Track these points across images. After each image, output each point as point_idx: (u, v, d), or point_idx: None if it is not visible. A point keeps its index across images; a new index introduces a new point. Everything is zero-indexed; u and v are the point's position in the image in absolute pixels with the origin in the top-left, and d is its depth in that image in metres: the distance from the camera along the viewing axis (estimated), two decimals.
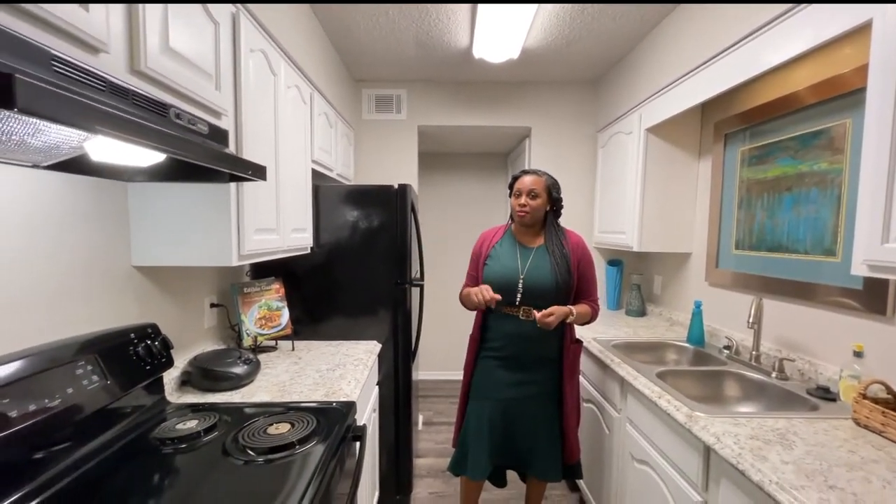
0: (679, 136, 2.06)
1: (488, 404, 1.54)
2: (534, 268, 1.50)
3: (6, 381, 0.75)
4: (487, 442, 1.53)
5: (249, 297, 1.66)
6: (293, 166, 1.59)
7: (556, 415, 1.56)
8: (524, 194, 1.51)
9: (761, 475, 0.86)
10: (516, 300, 1.49)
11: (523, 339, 1.50)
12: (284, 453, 0.93)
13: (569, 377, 1.55)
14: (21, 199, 0.88)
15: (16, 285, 0.87)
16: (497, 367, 1.54)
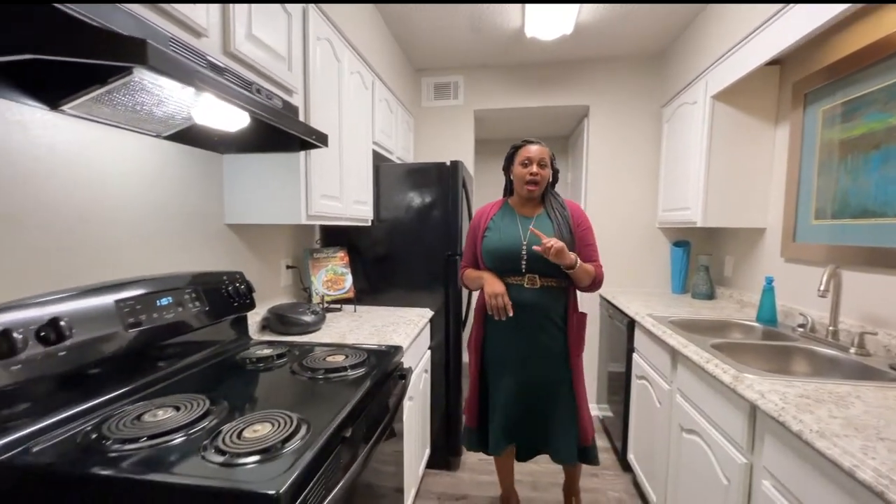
0: (752, 102, 1.90)
1: (502, 381, 1.52)
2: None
3: (138, 294, 0.99)
4: (505, 419, 1.52)
5: (318, 261, 1.88)
6: (355, 144, 1.77)
7: (569, 392, 1.50)
8: (535, 163, 1.46)
9: (801, 425, 0.82)
10: (521, 268, 1.46)
11: (529, 307, 1.47)
12: (338, 374, 1.09)
13: (575, 351, 1.50)
14: (149, 164, 1.13)
15: (145, 228, 1.12)
16: (506, 341, 1.52)
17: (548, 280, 1.47)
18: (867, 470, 0.67)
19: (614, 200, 2.69)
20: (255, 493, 0.60)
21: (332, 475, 0.76)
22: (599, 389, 2.66)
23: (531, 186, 1.47)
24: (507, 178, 1.60)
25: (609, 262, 2.71)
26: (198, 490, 0.62)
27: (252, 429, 0.77)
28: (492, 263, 1.51)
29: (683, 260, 2.47)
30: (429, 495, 1.94)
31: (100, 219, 1.00)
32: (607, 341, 2.45)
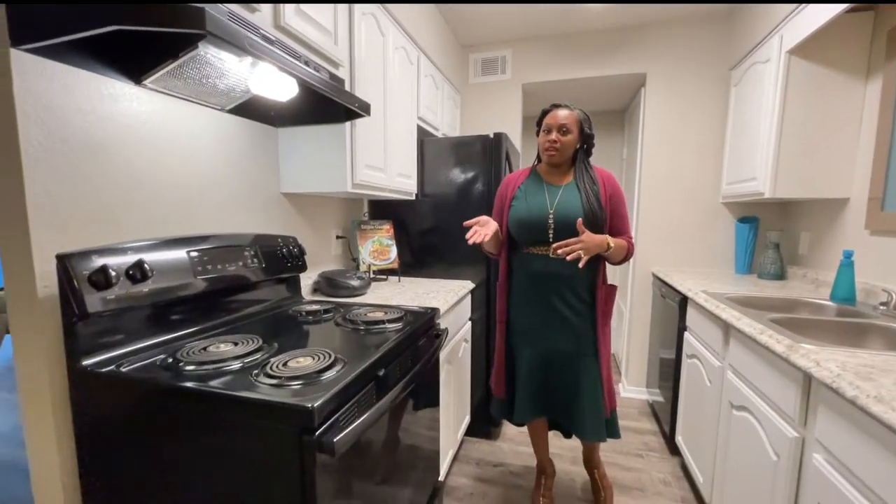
0: (836, 54, 1.68)
1: (529, 352, 1.51)
2: (563, 203, 1.41)
3: (206, 248, 1.13)
4: (530, 390, 1.51)
5: (365, 232, 1.99)
6: (399, 118, 1.83)
7: (595, 367, 1.45)
8: (555, 130, 1.40)
9: (857, 391, 0.76)
10: (549, 237, 1.42)
11: (552, 278, 1.43)
12: (377, 326, 1.16)
13: (602, 323, 1.45)
14: (215, 135, 1.27)
15: (213, 192, 1.26)
16: (530, 312, 1.49)
17: None
18: None
19: (672, 175, 2.53)
20: (295, 405, 0.69)
21: (364, 403, 0.83)
22: (650, 373, 2.55)
23: (551, 152, 1.42)
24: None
25: (665, 241, 2.57)
26: (249, 401, 0.72)
27: (296, 360, 0.86)
28: (518, 233, 1.49)
29: (750, 237, 2.28)
30: (467, 459, 2.00)
31: (176, 181, 1.15)
32: (659, 323, 2.33)
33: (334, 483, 0.77)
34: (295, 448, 0.69)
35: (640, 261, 2.64)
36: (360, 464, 0.88)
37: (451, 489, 1.79)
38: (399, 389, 0.92)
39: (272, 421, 0.70)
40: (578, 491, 1.78)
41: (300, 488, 0.70)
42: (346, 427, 0.72)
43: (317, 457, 0.69)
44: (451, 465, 1.96)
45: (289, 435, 0.69)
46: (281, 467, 0.71)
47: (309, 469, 0.69)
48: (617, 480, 1.84)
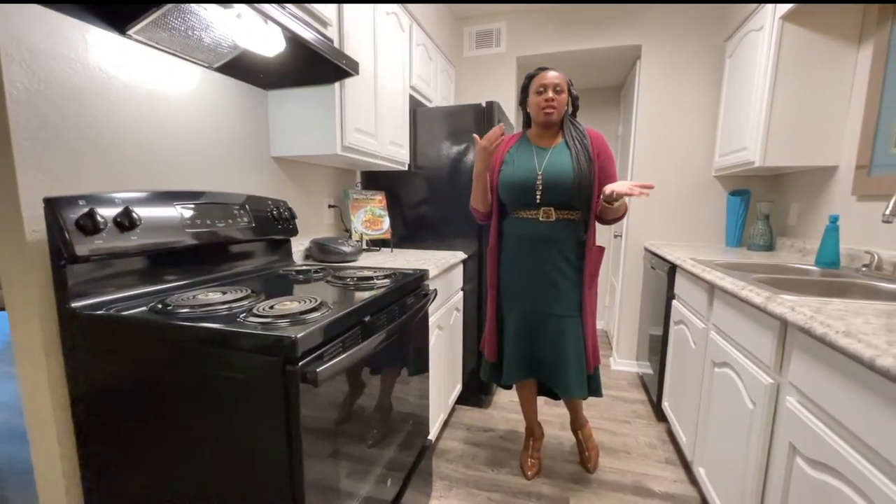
0: (830, 20, 1.67)
1: (516, 316, 1.53)
2: (552, 164, 1.42)
3: (199, 203, 1.13)
4: (517, 353, 1.54)
5: (358, 202, 1.99)
6: (390, 84, 1.82)
7: (580, 325, 1.49)
8: (550, 89, 1.41)
9: (827, 329, 0.78)
10: (536, 199, 1.44)
11: (541, 241, 1.46)
12: (366, 281, 1.18)
13: (589, 284, 1.48)
14: (204, 94, 1.27)
15: (202, 151, 1.27)
16: (519, 276, 1.52)
17: (564, 213, 1.46)
18: (887, 357, 0.63)
19: (666, 149, 2.53)
20: (280, 336, 0.70)
21: (350, 343, 0.85)
22: (640, 347, 2.59)
23: (549, 110, 1.42)
24: (524, 112, 1.56)
25: (658, 216, 2.59)
26: (237, 334, 0.74)
27: (282, 304, 0.88)
28: (507, 197, 1.51)
29: (741, 210, 2.29)
30: (458, 425, 2.05)
31: (165, 139, 1.15)
32: (650, 295, 2.36)
33: (319, 415, 0.79)
34: (279, 377, 0.71)
35: (633, 236, 2.66)
36: (348, 407, 0.90)
37: (442, 451, 1.84)
38: (384, 335, 0.94)
39: (259, 353, 0.72)
40: (566, 453, 1.83)
41: (285, 417, 0.72)
42: (330, 361, 0.74)
43: (300, 386, 0.71)
44: (443, 430, 2.01)
45: (274, 365, 0.71)
46: (268, 398, 0.73)
47: (293, 398, 0.71)
48: (604, 444, 1.89)
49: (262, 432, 0.75)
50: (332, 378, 0.82)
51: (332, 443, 0.85)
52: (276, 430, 0.73)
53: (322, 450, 0.81)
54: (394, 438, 1.20)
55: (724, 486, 1.25)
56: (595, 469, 1.71)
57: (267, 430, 0.74)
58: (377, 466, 1.08)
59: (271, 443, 0.74)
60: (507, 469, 1.72)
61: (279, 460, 0.74)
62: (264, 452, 0.75)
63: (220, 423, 0.77)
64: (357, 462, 0.97)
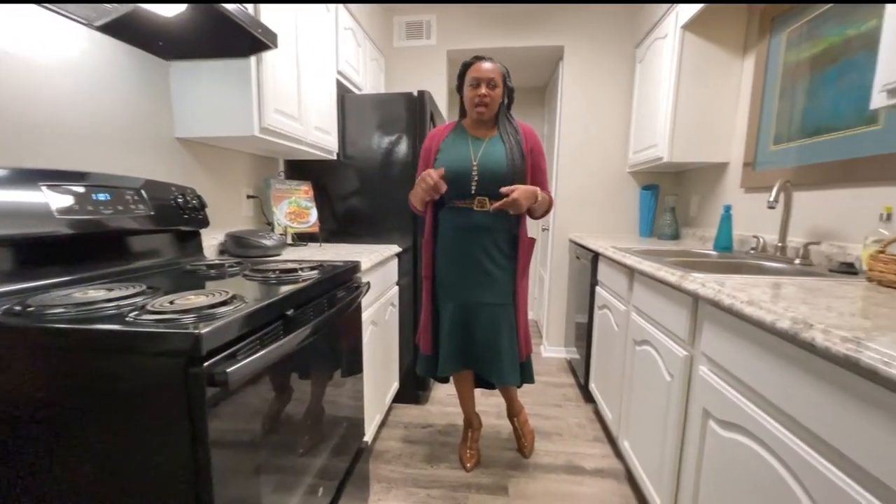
0: (721, 32, 1.89)
1: (452, 306, 1.52)
2: (487, 154, 1.43)
3: (71, 184, 0.94)
4: (453, 344, 1.53)
5: (281, 192, 1.84)
6: (314, 66, 1.70)
7: (513, 315, 1.52)
8: (484, 84, 1.39)
9: (733, 300, 0.85)
10: (471, 190, 1.43)
11: (475, 231, 1.46)
12: (290, 275, 1.07)
13: (521, 275, 1.52)
14: (89, 59, 1.06)
15: (89, 127, 1.06)
16: (454, 268, 1.51)
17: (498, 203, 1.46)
18: (785, 320, 0.70)
19: (587, 147, 2.68)
20: (178, 332, 0.59)
21: (270, 340, 0.76)
22: (568, 334, 2.73)
23: (481, 108, 1.41)
24: (461, 98, 1.53)
25: (581, 210, 2.74)
26: (123, 334, 0.61)
27: (185, 298, 0.75)
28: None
29: (651, 203, 2.51)
30: (396, 424, 1.98)
31: (39, 108, 0.94)
32: (576, 284, 2.49)
33: (234, 425, 0.69)
34: (180, 382, 0.60)
35: (559, 229, 2.79)
36: (272, 413, 0.80)
37: (380, 452, 1.76)
38: (311, 330, 0.86)
39: (153, 355, 0.60)
40: (504, 441, 1.85)
41: (189, 430, 0.61)
42: (244, 359, 0.64)
43: (206, 391, 0.61)
44: (380, 430, 1.93)
45: (172, 368, 0.60)
46: (167, 408, 0.61)
47: (198, 406, 0.61)
48: (539, 429, 1.94)
49: (163, 450, 0.63)
50: (249, 380, 0.72)
51: (251, 455, 0.74)
52: (179, 446, 0.62)
53: (239, 464, 0.71)
54: (326, 444, 1.11)
55: (646, 456, 1.34)
56: (531, 454, 1.75)
57: (169, 447, 0.63)
58: (307, 476, 0.98)
59: (174, 462, 0.62)
60: (446, 464, 1.70)
61: (183, 481, 0.63)
62: (167, 474, 0.63)
63: (115, 445, 0.64)
64: (283, 474, 0.87)
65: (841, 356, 0.58)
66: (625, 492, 1.53)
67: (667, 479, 1.17)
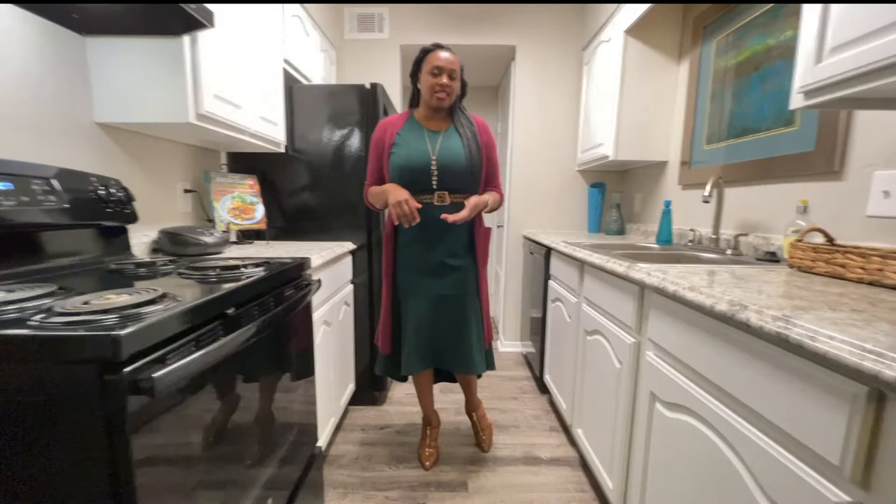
0: (659, 38, 2.00)
1: (415, 302, 1.51)
2: (446, 148, 1.42)
3: None
4: (418, 340, 1.51)
5: (222, 185, 1.71)
6: (259, 51, 1.60)
7: (478, 304, 1.55)
8: (445, 73, 1.38)
9: (677, 286, 0.90)
10: (432, 185, 1.43)
11: (437, 226, 1.45)
12: (232, 273, 0.99)
13: (482, 263, 1.56)
14: None
15: None
16: (416, 263, 1.50)
17: (457, 196, 1.47)
18: (723, 303, 0.75)
19: (538, 146, 2.75)
20: (92, 335, 0.52)
21: (207, 342, 0.69)
22: (523, 329, 2.79)
23: (441, 95, 1.39)
24: (415, 86, 1.49)
25: (533, 207, 2.80)
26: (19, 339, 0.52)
27: (104, 298, 0.67)
28: (401, 180, 1.44)
29: (599, 200, 2.62)
30: (352, 427, 1.92)
31: None
32: (530, 279, 2.55)
33: (165, 438, 0.62)
34: (95, 391, 0.53)
35: (513, 226, 2.84)
36: (215, 422, 0.73)
37: (336, 457, 1.70)
38: (255, 329, 0.79)
39: (64, 363, 0.53)
40: (462, 437, 1.85)
41: (108, 446, 0.54)
42: (175, 363, 0.58)
43: (128, 400, 0.54)
44: (335, 434, 1.86)
45: (86, 376, 0.53)
46: (82, 422, 0.54)
47: (118, 418, 0.54)
48: (496, 422, 1.96)
49: (77, 474, 0.55)
50: (185, 386, 0.65)
51: (187, 472, 0.67)
52: (96, 468, 0.55)
53: (172, 484, 0.64)
54: (275, 453, 1.04)
55: (598, 441, 1.39)
56: (490, 447, 1.76)
57: (85, 470, 0.55)
58: (254, 489, 0.92)
59: (91, 487, 0.55)
60: (405, 464, 1.66)
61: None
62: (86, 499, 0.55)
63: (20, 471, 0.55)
64: (227, 489, 0.80)
65: (773, 333, 0.62)
66: (579, 478, 1.58)
67: (618, 462, 1.21)
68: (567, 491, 1.51)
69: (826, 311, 0.65)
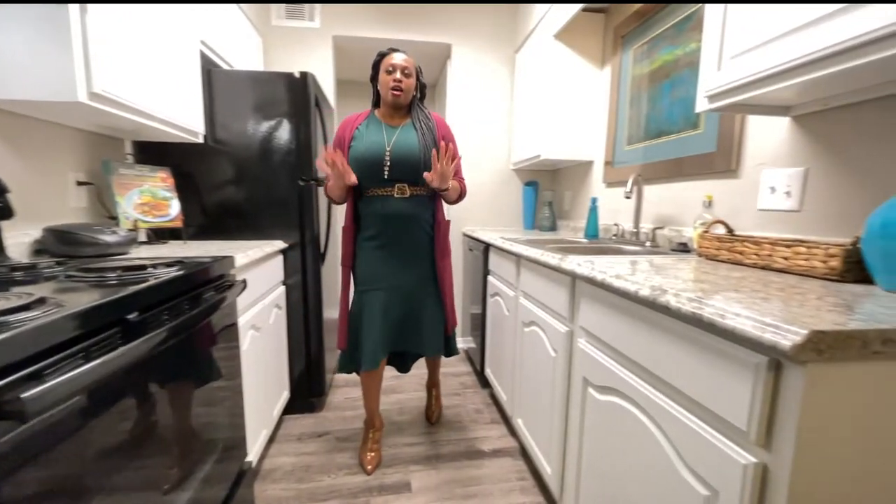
0: (584, 45, 2.13)
1: (376, 294, 1.53)
2: (400, 140, 1.49)
3: None
4: (380, 332, 1.53)
5: (127, 178, 1.52)
6: (169, 29, 1.43)
7: (436, 291, 1.63)
8: (399, 70, 1.47)
9: (604, 275, 0.95)
10: (384, 175, 1.48)
11: (398, 218, 1.51)
12: (136, 274, 0.87)
13: (441, 254, 1.62)
14: None
15: None
16: (378, 254, 1.54)
17: (416, 189, 1.52)
18: (646, 289, 0.80)
19: (476, 146, 2.80)
20: None
21: (99, 350, 0.59)
22: (464, 325, 2.82)
23: (396, 92, 1.47)
24: (375, 88, 1.58)
25: (472, 205, 2.84)
26: None
27: None
28: (360, 173, 1.49)
29: (533, 198, 2.73)
30: (288, 437, 1.81)
31: None
32: (470, 276, 2.58)
33: (44, 473, 0.52)
34: None
35: (453, 223, 2.86)
36: (112, 446, 0.63)
37: (269, 471, 1.58)
38: (164, 336, 0.70)
39: None
40: (405, 437, 1.82)
41: None
42: (54, 379, 0.49)
43: None
44: (268, 447, 1.73)
45: None
46: None
47: None
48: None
49: None
50: (69, 406, 0.55)
51: None
52: None
53: None
54: (197, 473, 0.93)
55: (537, 429, 1.44)
56: (436, 419, 1.92)
57: None
58: None
59: None
60: (346, 470, 1.59)
61: None
62: None
63: None
64: None
65: (690, 314, 0.68)
66: (520, 467, 1.63)
67: (555, 447, 1.26)
68: (508, 481, 1.55)
69: (731, 293, 0.72)
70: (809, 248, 0.90)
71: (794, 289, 0.76)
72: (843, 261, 0.83)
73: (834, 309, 0.61)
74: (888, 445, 0.55)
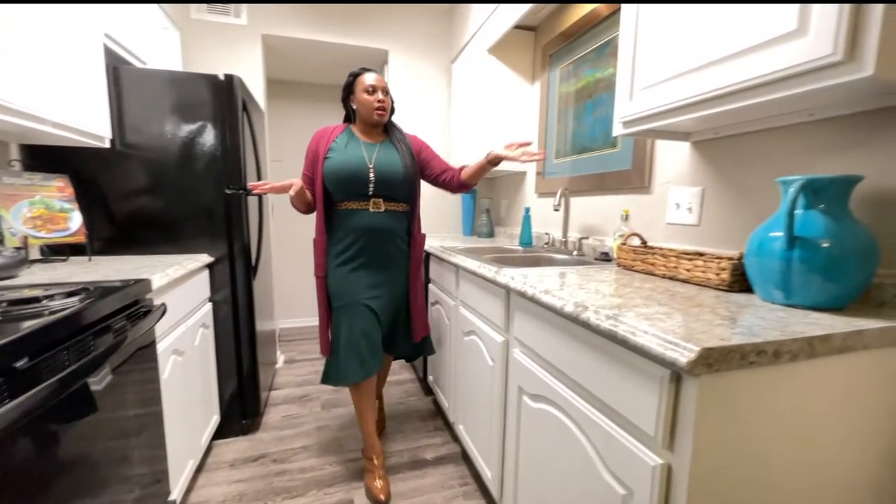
0: (516, 60, 2.23)
1: (352, 310, 1.50)
2: (382, 158, 1.50)
3: None
4: (357, 349, 1.49)
5: (14, 188, 1.32)
6: (61, 18, 1.27)
7: (406, 305, 1.67)
8: (380, 90, 1.49)
9: (535, 290, 1.01)
10: (368, 191, 1.48)
11: (375, 231, 1.51)
12: (28, 308, 0.77)
13: (416, 267, 1.64)
14: None
15: None
16: (353, 269, 1.52)
17: (391, 204, 1.54)
18: (570, 305, 0.86)
19: None
20: None
21: None
22: None
23: (381, 111, 1.49)
24: (347, 108, 1.57)
25: None
26: None
27: None
28: (337, 186, 1.48)
29: (471, 205, 2.79)
30: (219, 465, 1.69)
31: None
32: None
33: None
34: None
35: None
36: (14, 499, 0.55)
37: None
38: (60, 385, 0.63)
39: None
40: (346, 453, 1.78)
41: None
42: None
43: None
44: (196, 478, 1.60)
45: None
46: None
47: None
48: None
49: None
50: None
51: None
52: None
53: None
54: None
55: (477, 434, 1.49)
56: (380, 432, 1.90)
57: None
58: None
59: None
60: (284, 495, 1.53)
61: None
62: None
63: None
64: None
65: (607, 330, 0.74)
66: (462, 472, 1.67)
67: (494, 452, 1.31)
68: (451, 487, 1.58)
69: (642, 307, 0.80)
70: (706, 261, 1.02)
71: (692, 301, 0.87)
72: (731, 273, 0.96)
73: (722, 323, 0.70)
74: (766, 441, 0.65)
